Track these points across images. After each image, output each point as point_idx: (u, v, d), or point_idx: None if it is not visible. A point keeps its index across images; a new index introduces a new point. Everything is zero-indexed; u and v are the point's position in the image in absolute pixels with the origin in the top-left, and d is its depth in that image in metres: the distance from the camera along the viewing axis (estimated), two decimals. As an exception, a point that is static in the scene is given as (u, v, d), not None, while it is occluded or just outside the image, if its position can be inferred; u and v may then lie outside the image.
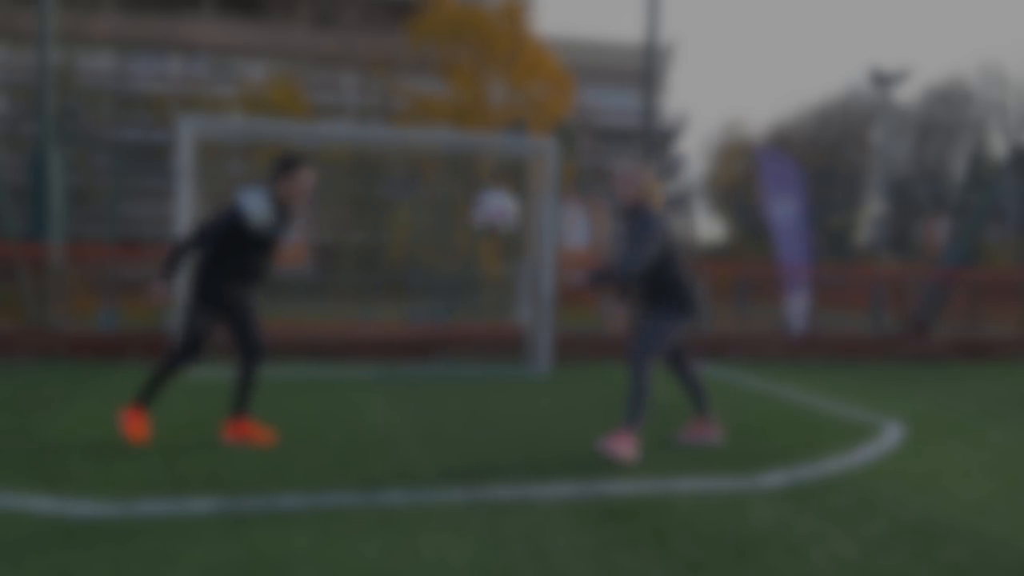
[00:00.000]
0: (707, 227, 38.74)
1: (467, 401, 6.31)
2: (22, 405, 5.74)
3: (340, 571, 2.81)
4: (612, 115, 35.88)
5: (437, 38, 21.15)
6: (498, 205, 4.74)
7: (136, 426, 4.51)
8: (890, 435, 5.35)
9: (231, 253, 4.49)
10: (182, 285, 4.55)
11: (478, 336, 9.12)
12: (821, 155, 31.72)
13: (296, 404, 5.97)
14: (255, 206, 4.40)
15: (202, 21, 32.85)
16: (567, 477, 4.06)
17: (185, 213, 7.34)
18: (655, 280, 4.48)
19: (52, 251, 9.00)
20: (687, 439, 4.90)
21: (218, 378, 6.39)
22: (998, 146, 32.82)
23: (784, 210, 11.27)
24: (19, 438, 4.69)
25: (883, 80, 25.40)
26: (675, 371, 4.86)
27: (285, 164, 4.54)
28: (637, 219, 4.43)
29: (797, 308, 10.78)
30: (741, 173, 32.36)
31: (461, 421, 5.52)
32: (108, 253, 10.43)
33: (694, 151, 74.77)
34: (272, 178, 4.56)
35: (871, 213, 23.86)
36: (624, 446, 4.27)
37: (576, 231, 11.67)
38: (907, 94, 41.44)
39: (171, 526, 3.21)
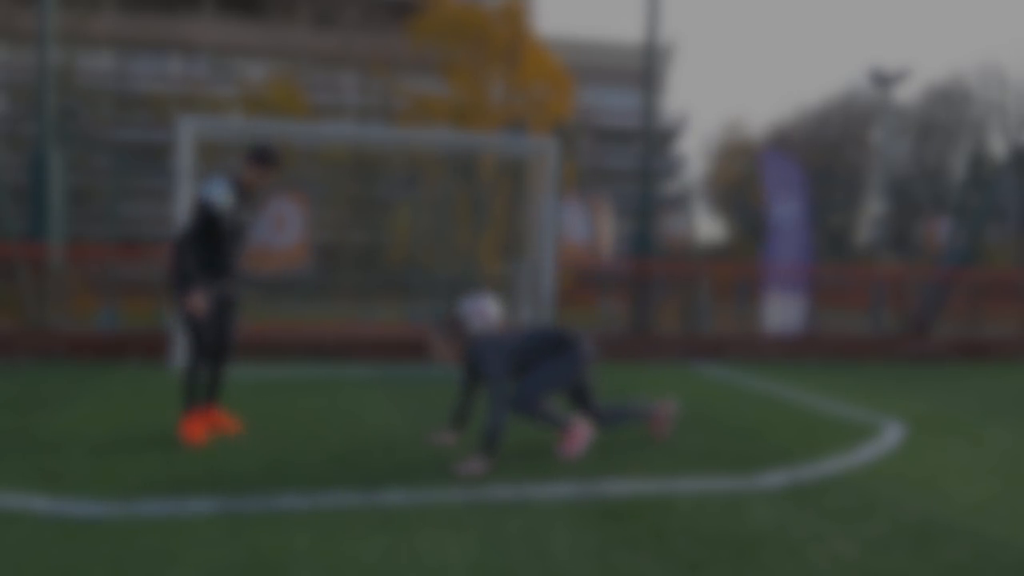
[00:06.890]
0: (707, 227, 38.67)
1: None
2: (22, 405, 5.73)
3: (340, 571, 2.81)
4: (612, 115, 35.96)
5: (437, 38, 21.15)
6: (474, 305, 4.77)
7: (193, 429, 4.61)
8: (890, 435, 5.35)
9: (206, 247, 4.59)
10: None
11: (478, 336, 9.10)
12: (821, 155, 31.71)
13: (296, 404, 5.97)
14: (219, 191, 4.53)
15: (202, 21, 32.87)
16: (567, 477, 4.06)
17: (185, 213, 7.35)
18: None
19: (52, 251, 8.99)
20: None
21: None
22: (998, 146, 32.80)
23: (785, 211, 11.26)
24: (19, 438, 4.68)
25: (883, 80, 25.41)
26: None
27: (261, 155, 4.63)
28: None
29: (785, 308, 10.76)
30: (741, 173, 32.35)
31: (461, 421, 5.51)
32: (108, 253, 10.43)
33: (694, 151, 74.74)
34: (243, 163, 4.67)
35: (871, 213, 23.86)
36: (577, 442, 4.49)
37: (576, 228, 11.69)
38: (907, 94, 41.43)
39: (171, 526, 3.21)
